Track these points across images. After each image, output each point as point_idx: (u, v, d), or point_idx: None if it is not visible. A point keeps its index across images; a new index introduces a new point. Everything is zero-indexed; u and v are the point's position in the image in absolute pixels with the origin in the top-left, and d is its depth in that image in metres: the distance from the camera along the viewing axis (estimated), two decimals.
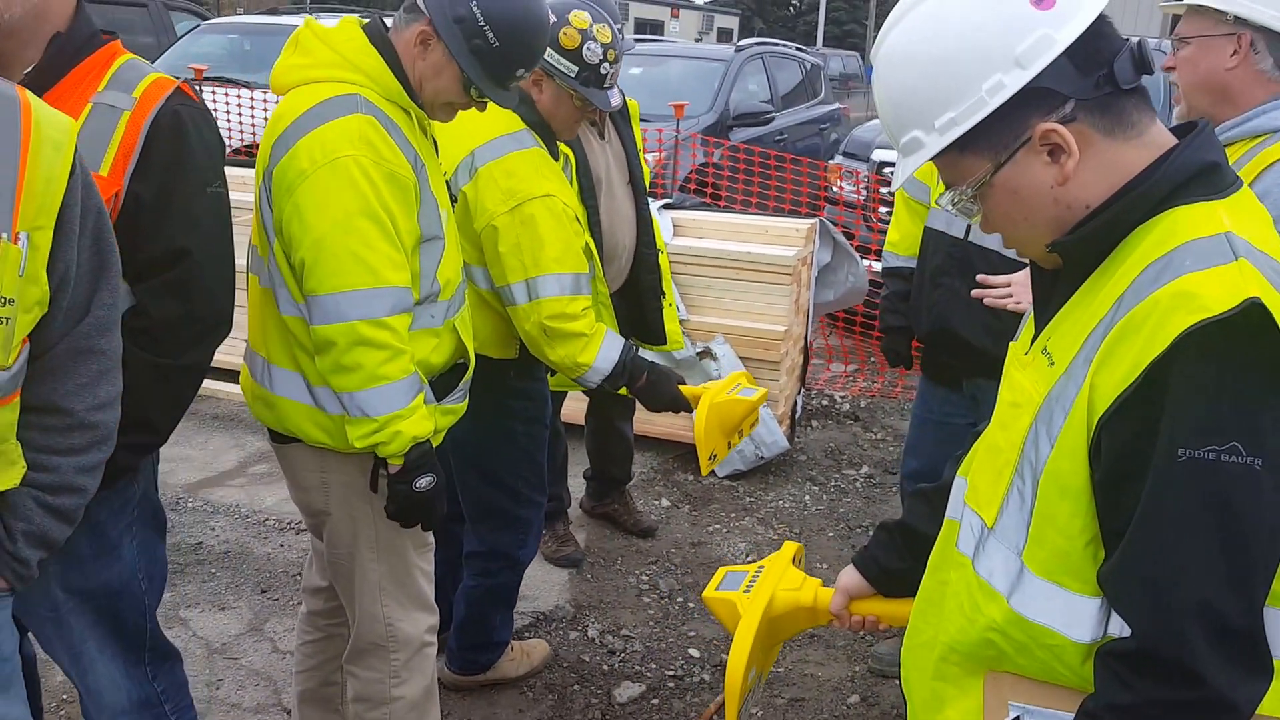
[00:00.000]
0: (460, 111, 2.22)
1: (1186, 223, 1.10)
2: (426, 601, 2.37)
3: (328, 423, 2.13)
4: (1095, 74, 1.12)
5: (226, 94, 7.86)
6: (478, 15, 2.05)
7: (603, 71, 2.68)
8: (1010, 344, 1.38)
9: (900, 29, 1.19)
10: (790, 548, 1.80)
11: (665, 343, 3.79)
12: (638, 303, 3.46)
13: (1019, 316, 1.49)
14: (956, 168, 1.19)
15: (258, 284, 2.20)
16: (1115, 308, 1.09)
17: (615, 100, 2.81)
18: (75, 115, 1.77)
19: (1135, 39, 1.17)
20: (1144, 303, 1.05)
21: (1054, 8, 1.11)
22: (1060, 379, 1.13)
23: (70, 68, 1.83)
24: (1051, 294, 1.25)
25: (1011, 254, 2.74)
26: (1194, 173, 1.13)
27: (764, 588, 1.68)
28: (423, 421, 2.09)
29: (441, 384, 2.26)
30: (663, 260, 3.79)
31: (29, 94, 1.51)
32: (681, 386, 2.91)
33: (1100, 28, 1.12)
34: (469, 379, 2.35)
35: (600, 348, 2.72)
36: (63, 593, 1.97)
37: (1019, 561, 1.17)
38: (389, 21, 2.18)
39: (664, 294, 3.72)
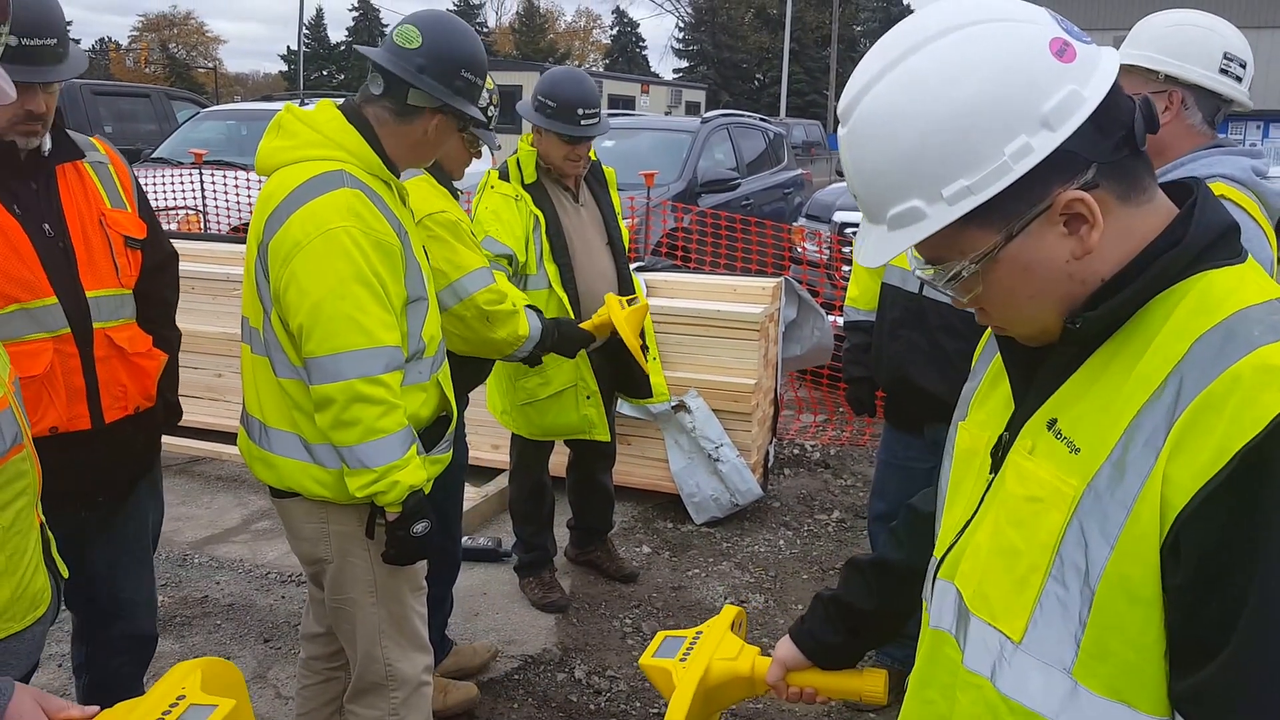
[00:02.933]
0: None
1: (1223, 288, 0.99)
2: (423, 642, 2.49)
3: (326, 477, 2.25)
4: (1115, 135, 1.00)
5: (225, 176, 8.17)
6: (467, 77, 2.32)
7: (489, 114, 2.93)
8: (960, 424, 1.27)
9: (887, 85, 1.02)
10: (730, 612, 1.76)
11: (651, 395, 4.04)
12: (623, 358, 3.65)
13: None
14: (955, 241, 1.03)
15: (250, 352, 2.33)
16: (1173, 385, 0.95)
17: (496, 140, 3.12)
18: (87, 177, 2.34)
19: (1140, 95, 1.07)
20: (1221, 379, 0.92)
21: (1076, 60, 0.99)
22: (1104, 469, 0.98)
23: (71, 144, 2.36)
24: (1035, 369, 1.11)
25: None
26: (1218, 235, 1.03)
27: (700, 657, 1.64)
28: (418, 471, 2.23)
29: (428, 436, 2.40)
30: (646, 319, 4.02)
31: None
32: (581, 324, 3.39)
33: (1116, 84, 1.01)
34: (454, 430, 2.51)
35: (529, 318, 3.02)
36: (152, 521, 2.68)
37: (1069, 679, 1.00)
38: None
39: (648, 349, 3.92)
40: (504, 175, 3.59)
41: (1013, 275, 1.03)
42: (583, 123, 3.50)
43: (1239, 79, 2.29)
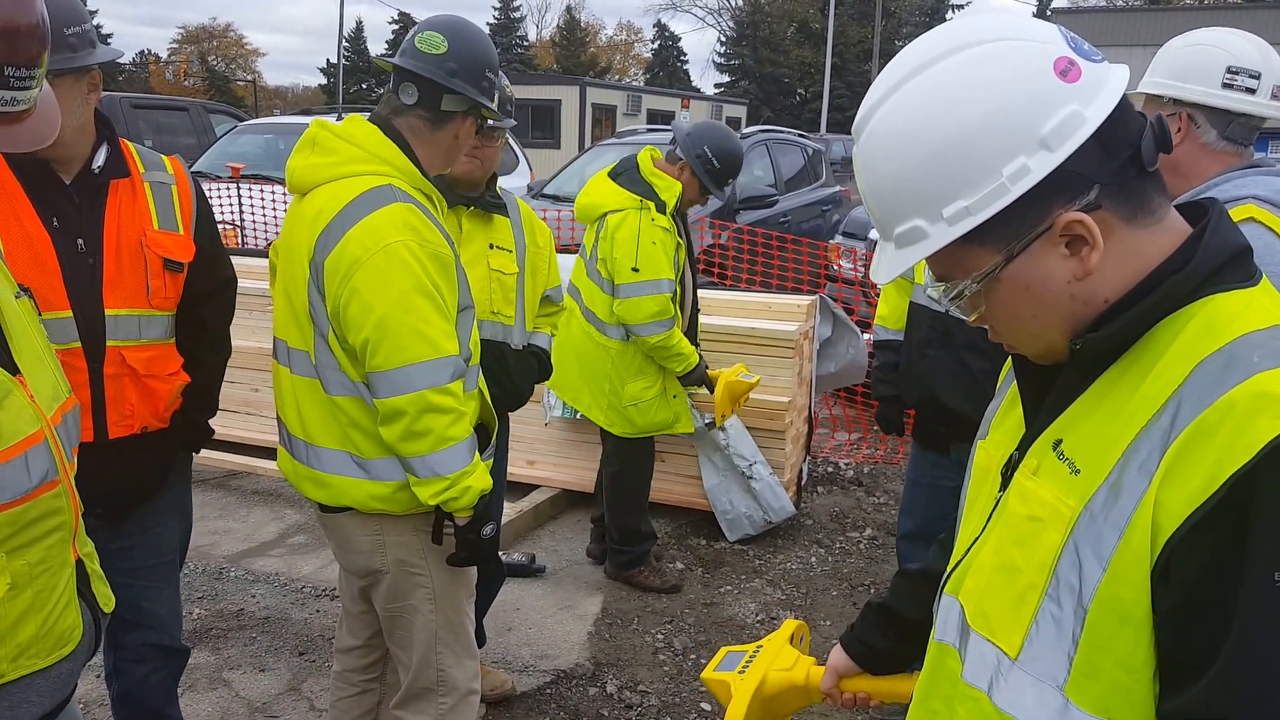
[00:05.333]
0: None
1: (1230, 312, 0.99)
2: (474, 649, 2.52)
3: (381, 491, 2.27)
4: (1121, 156, 0.99)
5: (262, 190, 8.24)
6: (490, 77, 2.38)
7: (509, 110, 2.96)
8: (979, 442, 1.28)
9: (894, 104, 1.03)
10: (789, 626, 1.80)
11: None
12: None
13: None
14: (958, 260, 1.05)
15: (289, 374, 2.33)
16: (1171, 409, 0.95)
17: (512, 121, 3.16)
18: (141, 194, 2.35)
19: (1154, 115, 1.06)
20: (1216, 405, 0.92)
21: (1080, 80, 0.98)
22: (1100, 491, 0.99)
23: (126, 160, 2.39)
24: (1045, 390, 1.12)
25: None
26: (1228, 258, 1.02)
27: (758, 668, 1.70)
28: (484, 475, 2.26)
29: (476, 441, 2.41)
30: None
31: None
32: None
33: (1124, 103, 1.00)
34: (495, 439, 2.54)
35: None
36: (179, 541, 2.69)
37: (1061, 696, 1.01)
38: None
39: (698, 344, 4.40)
40: (661, 208, 3.97)
41: (1014, 294, 1.04)
42: (725, 189, 4.13)
43: (1251, 90, 2.26)
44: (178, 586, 2.73)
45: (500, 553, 4.44)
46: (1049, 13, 32.49)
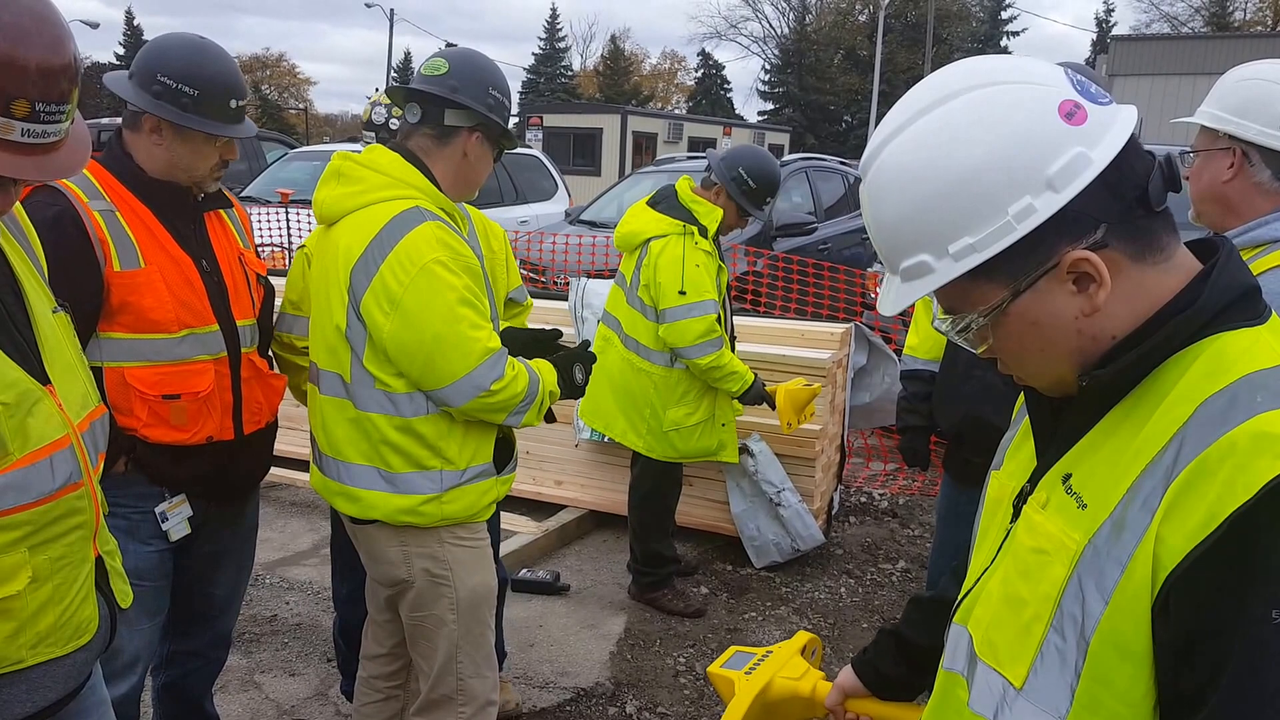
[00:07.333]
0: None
1: (1235, 351, 1.00)
2: (493, 661, 2.59)
3: (408, 504, 2.38)
4: (1128, 196, 1.01)
5: (309, 215, 8.40)
6: (496, 95, 2.47)
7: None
8: (993, 473, 1.30)
9: (902, 141, 1.05)
10: (802, 637, 1.81)
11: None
12: None
13: None
14: (965, 295, 1.07)
15: (318, 393, 2.46)
16: (1174, 447, 0.97)
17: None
18: (224, 219, 2.65)
19: (1164, 153, 1.06)
20: (1218, 444, 0.94)
21: (1086, 123, 1.00)
22: (1105, 526, 1.00)
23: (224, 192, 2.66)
24: (1057, 424, 1.14)
25: None
26: (1235, 297, 1.03)
27: (764, 672, 1.71)
28: (533, 375, 2.45)
29: (499, 457, 2.50)
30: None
31: None
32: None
33: (1131, 144, 1.02)
34: (516, 451, 2.64)
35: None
36: (251, 537, 2.89)
37: None
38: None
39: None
40: (704, 232, 4.05)
41: (1021, 329, 1.06)
42: (763, 209, 4.17)
43: None
44: (249, 570, 2.93)
45: (525, 570, 4.52)
46: (1109, 40, 31.96)
